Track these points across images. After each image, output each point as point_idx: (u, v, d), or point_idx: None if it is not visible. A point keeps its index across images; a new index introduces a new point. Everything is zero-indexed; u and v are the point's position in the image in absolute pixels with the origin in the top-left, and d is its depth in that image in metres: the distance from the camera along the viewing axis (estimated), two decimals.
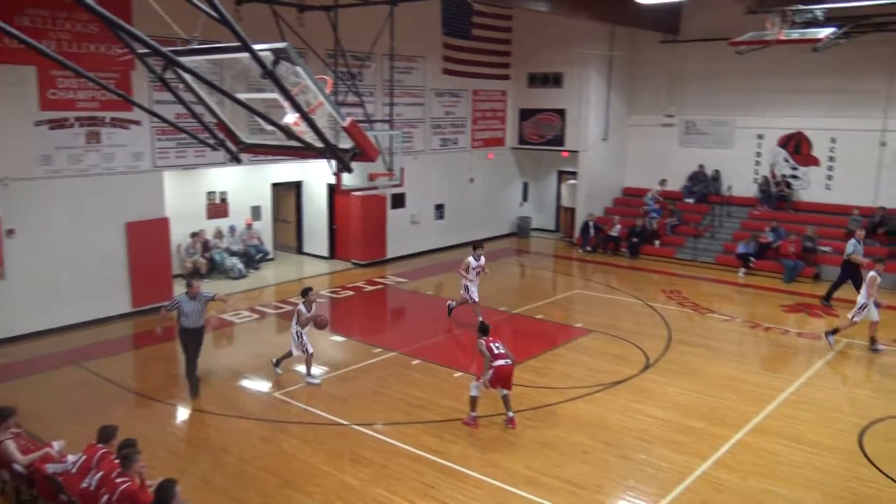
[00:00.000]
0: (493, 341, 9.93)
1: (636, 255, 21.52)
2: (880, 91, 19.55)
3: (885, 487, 8.49)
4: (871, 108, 19.76)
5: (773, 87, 21.06)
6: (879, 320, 13.31)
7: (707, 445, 9.41)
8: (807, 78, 20.31)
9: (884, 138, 19.74)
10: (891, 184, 19.68)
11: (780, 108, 21.21)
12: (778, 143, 21.67)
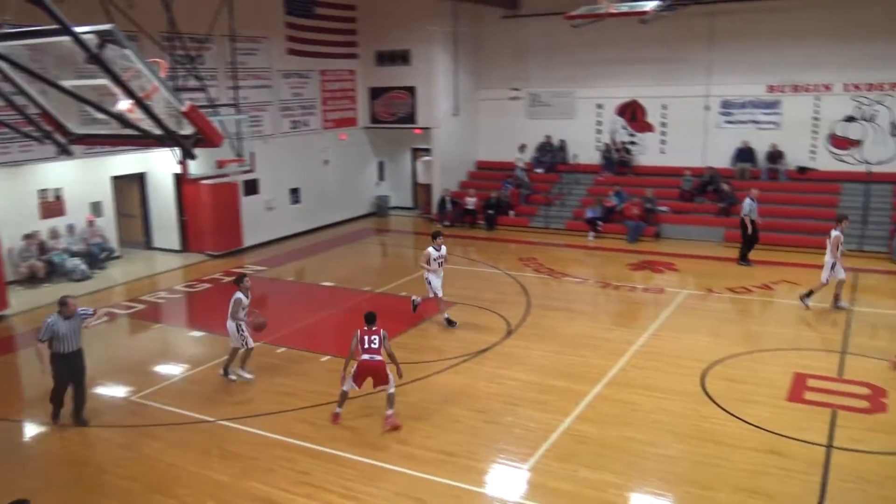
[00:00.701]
0: (370, 333, 9.30)
1: (493, 226, 22.12)
2: (702, 59, 21.07)
3: (725, 422, 9.30)
4: (695, 76, 21.28)
5: (608, 59, 22.16)
6: (845, 278, 13.86)
7: (569, 402, 9.89)
8: (638, 49, 21.54)
9: (707, 103, 21.35)
10: (716, 145, 21.33)
11: (616, 79, 22.39)
12: (616, 111, 22.89)
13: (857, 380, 10.45)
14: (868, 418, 9.32)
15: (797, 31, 19.78)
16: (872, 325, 13.17)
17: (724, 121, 21.41)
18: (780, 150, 20.65)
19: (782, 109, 20.68)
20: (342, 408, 9.53)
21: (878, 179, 19.34)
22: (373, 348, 9.24)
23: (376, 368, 9.23)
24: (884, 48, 19.03)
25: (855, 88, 19.76)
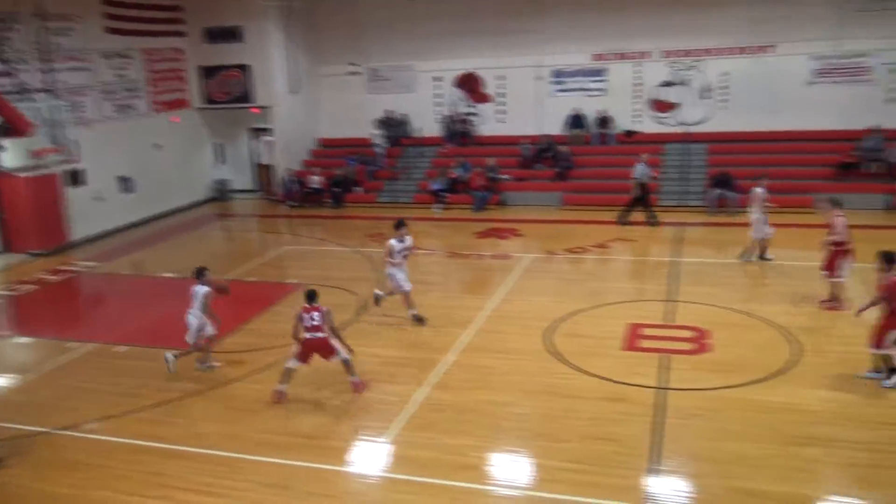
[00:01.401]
0: (310, 311, 9.29)
1: (340, 203, 21.91)
2: (534, 30, 21.80)
3: (571, 376, 9.83)
4: (528, 46, 21.99)
5: (444, 32, 22.42)
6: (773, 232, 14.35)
7: (425, 372, 10.07)
8: (473, 21, 21.95)
9: (540, 73, 22.16)
10: (550, 113, 22.23)
11: (454, 51, 22.71)
12: (454, 83, 23.25)
13: (685, 324, 11.36)
14: (695, 359, 10.18)
15: (619, 2, 20.89)
16: (695, 273, 14.32)
17: (556, 89, 22.33)
18: (608, 115, 21.85)
19: (608, 77, 21.86)
20: (285, 385, 9.38)
21: (694, 139, 20.94)
22: (314, 325, 9.30)
23: (320, 345, 9.36)
24: (694, 18, 20.53)
25: (670, 55, 21.21)
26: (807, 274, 13.84)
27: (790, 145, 20.19)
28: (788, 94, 20.30)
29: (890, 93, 19.71)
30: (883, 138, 18.96)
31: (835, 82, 20.00)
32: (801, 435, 8.03)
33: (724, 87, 20.96)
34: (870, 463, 7.48)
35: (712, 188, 18.90)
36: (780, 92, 20.32)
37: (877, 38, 19.34)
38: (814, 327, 11.06)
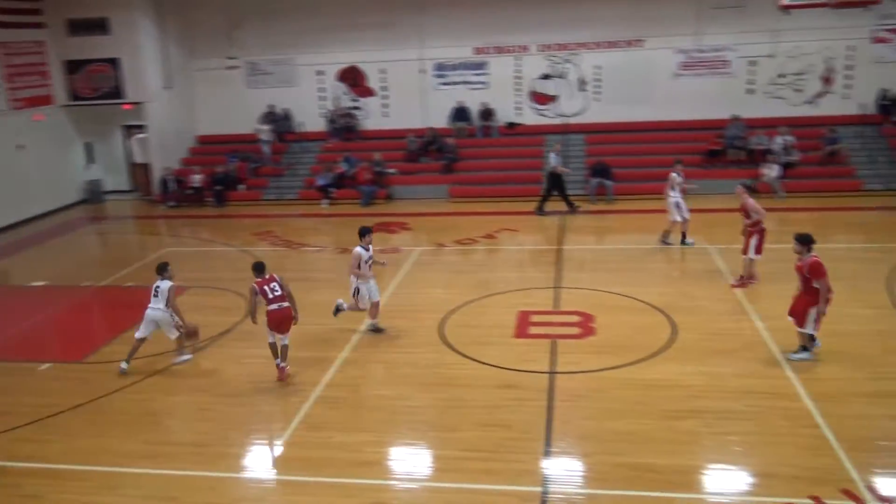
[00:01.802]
0: (267, 283, 9.50)
1: (223, 202, 21.26)
2: (414, 23, 21.87)
3: (464, 366, 10.00)
4: (409, 40, 22.05)
5: (325, 25, 22.13)
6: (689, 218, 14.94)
7: (319, 370, 9.96)
8: (354, 14, 21.78)
9: (423, 66, 22.28)
10: (435, 107, 22.40)
11: (335, 44, 22.45)
12: (337, 77, 23.01)
13: (570, 310, 11.78)
14: (581, 342, 10.58)
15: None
16: (579, 260, 14.86)
17: (439, 83, 22.52)
18: (490, 108, 22.25)
19: (489, 70, 22.25)
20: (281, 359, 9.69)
21: (573, 130, 21.65)
22: (277, 296, 9.49)
23: (286, 316, 9.55)
24: (568, 12, 21.20)
25: (547, 49, 21.83)
26: (684, 256, 14.68)
27: (660, 135, 21.26)
28: (657, 85, 21.36)
29: (749, 84, 21.12)
30: (744, 126, 20.29)
31: (698, 74, 21.21)
32: (681, 409, 8.51)
33: (598, 79, 21.79)
34: (743, 430, 8.03)
35: (592, 177, 19.63)
36: (650, 84, 21.36)
37: (734, 33, 20.67)
38: (689, 307, 11.70)
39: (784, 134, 19.57)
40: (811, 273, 9.26)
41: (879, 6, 18.52)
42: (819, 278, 9.21)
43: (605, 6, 21.06)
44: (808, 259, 9.35)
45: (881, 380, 8.97)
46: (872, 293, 11.93)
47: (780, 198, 18.41)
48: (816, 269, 9.22)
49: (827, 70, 20.81)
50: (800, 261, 9.49)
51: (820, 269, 9.22)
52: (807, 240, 9.45)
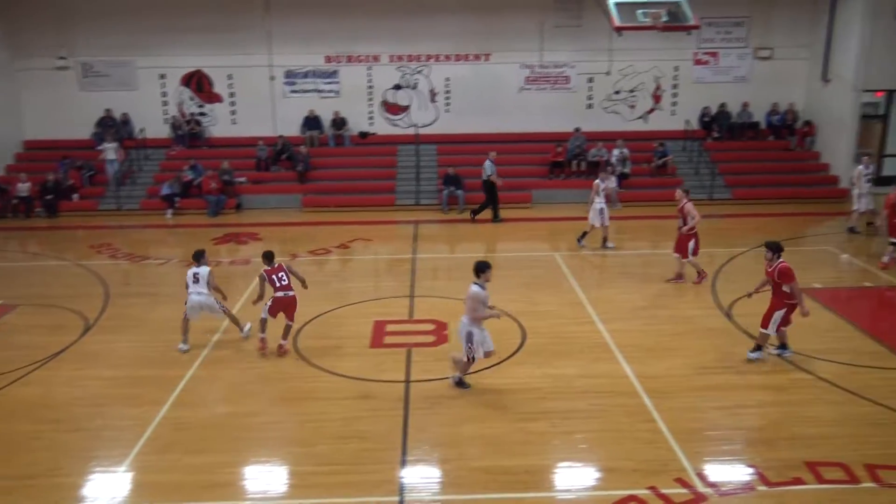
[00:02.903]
0: (276, 272, 10.36)
1: (54, 213, 19.76)
2: (261, 28, 21.41)
3: (318, 378, 9.86)
4: (256, 45, 21.55)
5: (168, 27, 21.17)
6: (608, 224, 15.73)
7: (163, 390, 9.47)
8: (197, 16, 20.98)
9: (272, 73, 21.84)
10: (285, 114, 22.01)
11: (179, 47, 21.53)
12: (181, 81, 22.06)
13: (425, 318, 11.94)
14: (435, 350, 10.75)
15: (347, 4, 21.23)
16: (433, 268, 15.11)
17: (289, 90, 22.16)
18: (342, 117, 22.16)
19: (340, 78, 22.16)
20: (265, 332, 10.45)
21: (425, 141, 22.00)
22: (284, 285, 10.34)
23: (290, 302, 10.42)
24: (419, 25, 21.56)
25: (398, 59, 22.06)
26: (531, 263, 15.27)
27: (508, 146, 22.01)
28: (504, 98, 22.17)
29: (588, 99, 22.38)
30: (584, 139, 21.46)
31: (542, 89, 22.23)
32: (531, 411, 8.85)
33: (448, 91, 22.29)
34: (588, 428, 8.48)
35: (444, 187, 20.02)
36: (498, 97, 22.12)
37: (574, 51, 21.86)
38: (537, 312, 12.19)
39: (620, 147, 20.89)
40: (781, 277, 9.72)
41: (699, 31, 20.29)
42: (789, 282, 9.69)
43: (455, 20, 21.59)
44: (778, 264, 9.80)
45: (709, 374, 9.77)
46: (700, 294, 12.97)
47: (617, 207, 19.61)
48: (786, 273, 9.69)
49: (656, 88, 22.46)
50: (770, 266, 9.96)
51: (789, 274, 9.69)
52: (776, 247, 9.89)
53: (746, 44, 22.13)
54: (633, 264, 15.39)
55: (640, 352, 10.48)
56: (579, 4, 21.06)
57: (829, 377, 9.65)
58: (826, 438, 8.19)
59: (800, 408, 8.91)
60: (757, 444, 8.18)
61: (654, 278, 14.22)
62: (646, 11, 15.96)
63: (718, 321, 11.81)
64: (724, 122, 22.29)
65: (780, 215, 18.82)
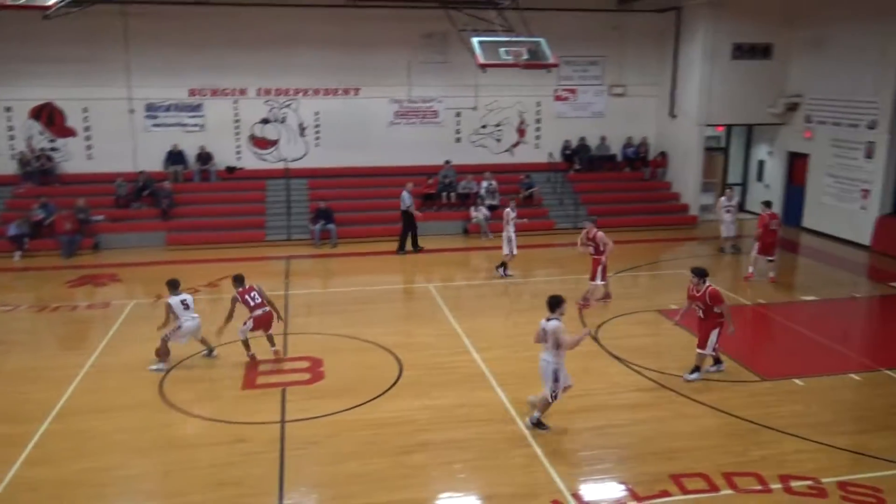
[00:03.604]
0: (248, 292, 11.13)
1: None
2: (120, 60, 20.52)
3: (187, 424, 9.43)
4: (115, 78, 20.60)
5: (16, 55, 19.85)
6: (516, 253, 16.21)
7: (13, 447, 8.72)
8: (49, 47, 19.79)
9: (132, 106, 20.94)
10: (146, 149, 21.10)
11: (27, 78, 20.22)
12: (29, 115, 20.72)
13: (299, 356, 11.70)
14: (311, 388, 10.54)
15: (212, 37, 20.75)
16: (306, 304, 14.85)
17: (151, 124, 21.30)
18: (208, 151, 21.52)
19: (205, 112, 21.55)
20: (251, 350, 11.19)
21: (295, 175, 21.70)
22: (258, 303, 11.13)
23: (268, 318, 11.20)
24: (286, 58, 21.36)
25: (266, 93, 21.77)
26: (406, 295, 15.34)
27: (380, 179, 22.17)
28: (375, 132, 22.31)
29: (456, 133, 22.93)
30: (455, 172, 21.93)
31: (411, 123, 22.57)
32: (410, 444, 8.84)
33: (318, 125, 22.18)
34: (466, 457, 8.55)
35: (315, 221, 19.80)
36: (368, 131, 22.24)
37: (440, 87, 22.38)
38: (413, 343, 12.24)
39: (489, 179, 21.49)
40: (712, 300, 10.31)
41: (559, 69, 21.36)
42: (719, 304, 10.32)
43: (323, 55, 21.58)
44: (707, 288, 10.36)
45: (579, 397, 10.11)
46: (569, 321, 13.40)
47: (487, 237, 20.12)
48: (716, 296, 10.31)
49: (520, 123, 23.36)
50: (697, 291, 10.41)
51: (719, 296, 10.34)
52: (702, 273, 10.51)
53: (602, 81, 23.47)
54: (506, 293, 15.79)
55: (514, 378, 10.73)
56: (445, 42, 21.64)
57: (688, 393, 10.26)
58: (688, 451, 8.68)
59: (664, 423, 9.41)
60: (627, 460, 8.56)
61: (526, 306, 14.66)
62: (508, 50, 16.63)
63: (587, 345, 12.28)
64: (584, 154, 23.45)
65: (639, 242, 19.93)
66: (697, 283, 10.50)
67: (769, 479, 8.02)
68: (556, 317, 8.93)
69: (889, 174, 18.60)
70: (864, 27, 18.69)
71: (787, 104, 21.52)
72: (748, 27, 21.31)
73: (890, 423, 9.43)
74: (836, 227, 20.17)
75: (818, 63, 20.54)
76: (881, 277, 16.51)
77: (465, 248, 19.72)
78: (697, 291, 10.49)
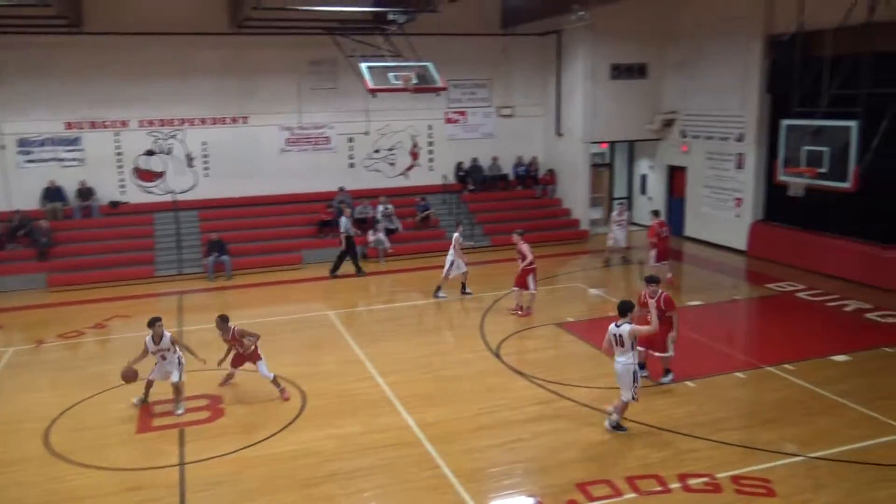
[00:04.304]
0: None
1: None
2: None
3: (78, 475, 8.89)
4: None
5: None
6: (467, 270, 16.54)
7: None
8: None
9: (2, 142, 19.77)
10: (20, 186, 19.94)
11: None
12: None
13: (197, 394, 11.27)
14: (211, 426, 10.18)
15: (88, 67, 19.90)
16: (203, 340, 14.32)
17: (24, 160, 20.15)
18: (89, 186, 20.55)
19: (84, 146, 20.59)
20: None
21: (184, 207, 21.02)
22: None
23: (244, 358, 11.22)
24: (169, 88, 20.73)
25: (150, 124, 21.04)
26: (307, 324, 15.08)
27: (273, 208, 21.81)
28: (266, 160, 21.95)
29: (350, 159, 22.88)
30: (350, 197, 21.84)
31: (303, 150, 22.35)
32: (316, 476, 8.68)
33: (206, 155, 21.61)
34: (375, 484, 8.48)
35: (208, 254, 19.22)
36: (258, 159, 21.85)
37: (331, 112, 22.31)
38: (316, 373, 12.05)
39: (384, 203, 21.53)
40: (667, 306, 10.76)
41: (448, 92, 21.75)
42: (673, 309, 10.85)
43: (208, 83, 21.10)
44: (661, 295, 10.79)
45: (485, 414, 10.25)
46: (471, 339, 13.63)
47: (385, 262, 20.12)
48: (670, 302, 10.82)
49: (413, 146, 23.59)
50: (652, 296, 10.70)
51: (672, 302, 10.89)
52: (656, 280, 11.01)
53: (490, 103, 24.05)
54: (407, 315, 15.80)
55: (419, 401, 10.74)
56: (334, 68, 21.62)
57: (588, 402, 10.58)
58: (592, 459, 8.94)
59: (567, 434, 9.65)
60: (534, 473, 8.72)
61: (428, 328, 14.75)
62: (397, 74, 16.82)
63: (490, 362, 12.47)
64: (477, 175, 23.89)
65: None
66: (653, 290, 10.87)
67: (668, 479, 8.37)
68: (627, 321, 9.44)
69: (759, 183, 19.92)
70: (728, 47, 20.03)
71: (664, 120, 22.73)
72: (624, 48, 22.41)
73: (774, 417, 10.04)
74: (714, 235, 21.39)
75: (689, 81, 21.83)
76: (758, 280, 17.60)
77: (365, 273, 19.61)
78: (651, 298, 10.83)
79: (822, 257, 17.67)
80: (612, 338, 9.50)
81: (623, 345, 9.39)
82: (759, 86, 19.27)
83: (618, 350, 9.48)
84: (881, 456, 8.83)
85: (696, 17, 21.09)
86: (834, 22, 13.24)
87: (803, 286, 16.55)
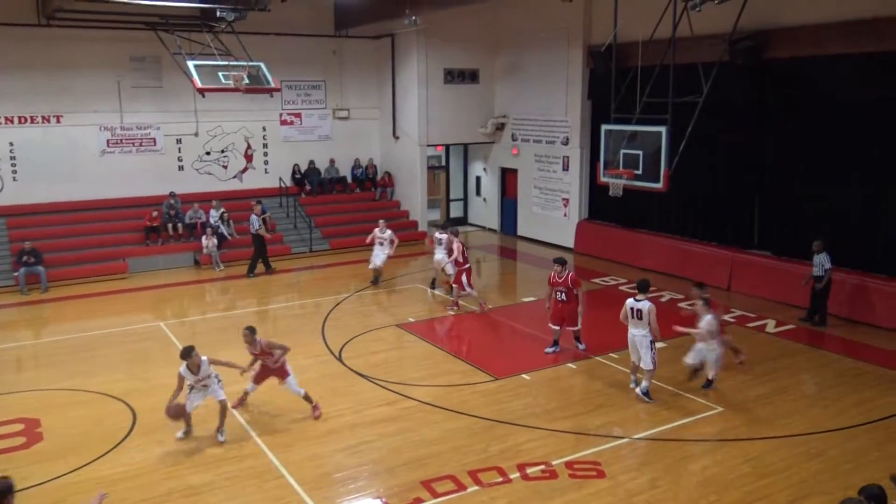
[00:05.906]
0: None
1: None
2: None
3: None
4: None
5: None
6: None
7: None
8: None
9: None
10: None
11: None
12: None
13: (10, 419, 10.30)
14: (28, 453, 9.34)
15: None
16: (15, 359, 13.15)
17: None
18: None
19: None
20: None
21: None
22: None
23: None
24: None
25: None
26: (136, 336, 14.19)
27: (94, 214, 20.33)
28: (85, 163, 20.38)
29: (179, 161, 21.78)
30: (180, 202, 20.80)
31: (127, 152, 20.97)
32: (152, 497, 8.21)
33: (13, 157, 19.73)
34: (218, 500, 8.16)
35: (19, 265, 17.57)
36: (76, 161, 20.26)
37: (157, 112, 21.12)
38: (146, 388, 11.38)
39: (217, 207, 20.70)
40: (574, 284, 12.14)
41: (282, 93, 21.31)
42: (579, 287, 12.30)
43: (15, 78, 19.25)
44: (568, 275, 12.11)
45: (329, 419, 10.16)
46: (312, 344, 13.44)
47: (219, 268, 19.38)
48: (576, 281, 12.28)
49: (247, 148, 22.88)
50: (560, 277, 12.06)
51: (578, 281, 12.36)
52: (564, 261, 12.26)
53: (325, 105, 23.83)
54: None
55: (260, 411, 10.47)
56: (158, 65, 20.52)
57: (430, 400, 10.79)
58: (435, 456, 9.12)
59: (411, 433, 9.78)
60: (379, 475, 8.76)
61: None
62: (227, 74, 16.26)
63: (333, 366, 12.38)
64: (314, 177, 23.58)
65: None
66: (560, 270, 12.12)
67: (508, 469, 8.72)
68: (645, 297, 10.45)
69: (583, 184, 21.20)
70: (553, 56, 21.18)
71: (496, 124, 23.61)
72: (456, 54, 23.03)
73: (602, 403, 10.74)
74: (545, 234, 22.51)
75: (518, 86, 22.84)
76: (585, 275, 18.68)
77: (198, 280, 18.79)
78: (560, 278, 12.12)
79: (640, 252, 19.14)
80: (628, 310, 10.54)
81: (641, 318, 10.41)
82: (581, 93, 20.53)
83: (633, 322, 10.54)
84: (692, 433, 9.72)
85: (522, 26, 22.10)
86: (645, 35, 14.36)
87: (624, 280, 17.82)
